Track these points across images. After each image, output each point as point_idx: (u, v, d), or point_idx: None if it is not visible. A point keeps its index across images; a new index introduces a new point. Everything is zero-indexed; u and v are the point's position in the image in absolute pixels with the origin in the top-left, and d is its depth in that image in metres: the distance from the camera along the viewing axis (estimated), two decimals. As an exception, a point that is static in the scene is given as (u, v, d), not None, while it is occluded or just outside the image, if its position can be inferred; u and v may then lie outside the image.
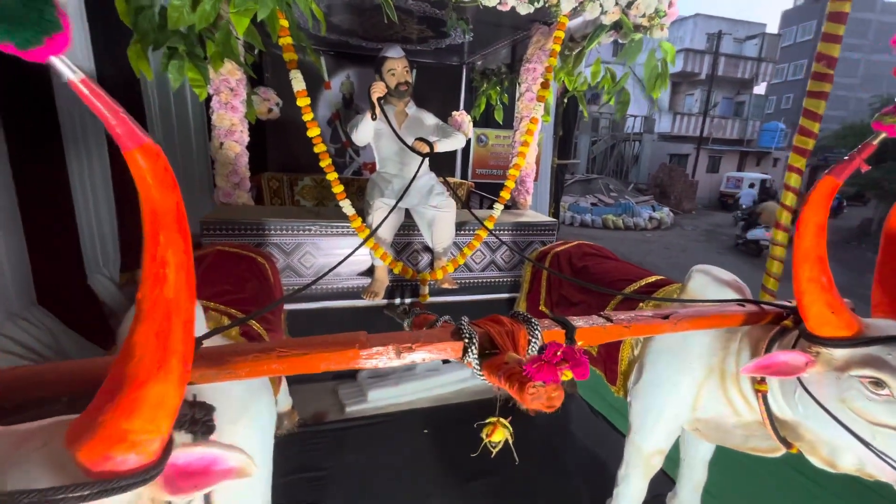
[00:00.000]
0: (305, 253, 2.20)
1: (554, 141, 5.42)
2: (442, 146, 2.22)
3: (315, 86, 3.95)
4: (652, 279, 1.53)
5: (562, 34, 2.04)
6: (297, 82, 1.81)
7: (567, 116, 5.25)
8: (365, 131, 2.15)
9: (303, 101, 1.87)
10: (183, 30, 1.65)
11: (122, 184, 3.32)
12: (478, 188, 4.39)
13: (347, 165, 4.17)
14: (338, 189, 2.06)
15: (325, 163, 2.02)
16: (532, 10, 1.94)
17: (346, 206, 2.09)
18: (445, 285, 2.26)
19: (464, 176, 5.23)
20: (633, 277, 1.55)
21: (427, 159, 2.12)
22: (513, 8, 1.94)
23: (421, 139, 2.11)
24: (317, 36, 3.45)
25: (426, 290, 2.27)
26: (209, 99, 2.39)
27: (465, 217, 2.43)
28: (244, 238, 2.09)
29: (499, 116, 3.86)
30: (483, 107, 4.15)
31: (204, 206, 2.67)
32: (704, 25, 20.23)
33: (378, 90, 2.03)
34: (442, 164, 4.26)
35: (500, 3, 1.87)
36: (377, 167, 2.43)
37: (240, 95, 2.28)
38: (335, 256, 2.26)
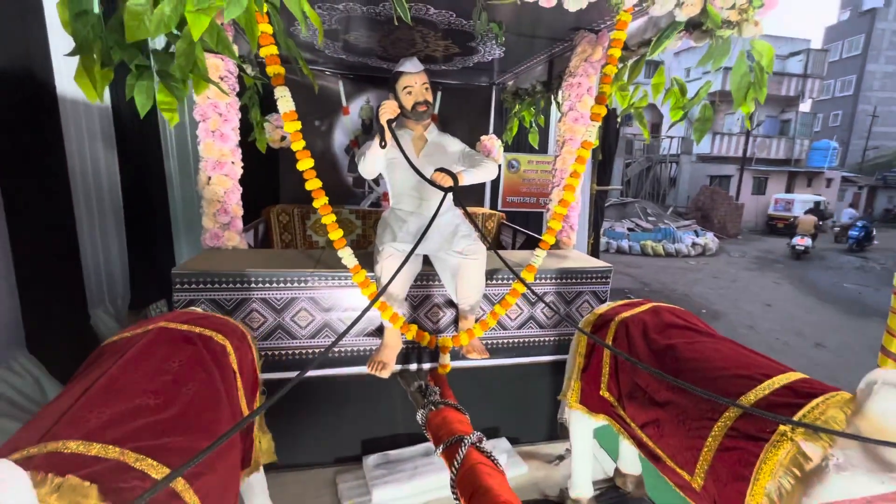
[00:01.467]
0: (300, 310, 1.79)
1: (592, 165, 4.94)
2: (469, 177, 1.79)
3: (333, 111, 3.68)
4: (787, 378, 1.00)
5: (623, 35, 1.60)
6: (284, 102, 1.44)
7: (607, 138, 4.78)
8: (373, 162, 1.75)
9: (292, 126, 1.49)
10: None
11: (134, 214, 3.14)
12: (508, 219, 3.94)
13: (366, 196, 3.82)
14: (335, 235, 1.65)
15: (320, 202, 1.63)
16: (585, 4, 1.51)
17: (347, 257, 1.67)
18: (473, 355, 1.79)
19: (493, 205, 4.79)
20: (753, 372, 1.03)
21: (451, 194, 1.69)
22: (559, 4, 1.52)
23: (442, 170, 1.69)
24: (335, 58, 3.17)
25: (447, 358, 1.80)
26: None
27: (498, 262, 1.97)
28: (224, 293, 1.71)
29: (533, 140, 3.43)
30: (515, 130, 3.74)
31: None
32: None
33: (388, 111, 1.64)
34: (468, 192, 3.85)
35: (543, -2, 1.45)
36: (390, 203, 2.02)
37: (230, 122, 1.94)
38: (337, 313, 1.84)
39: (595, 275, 2.09)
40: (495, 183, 4.83)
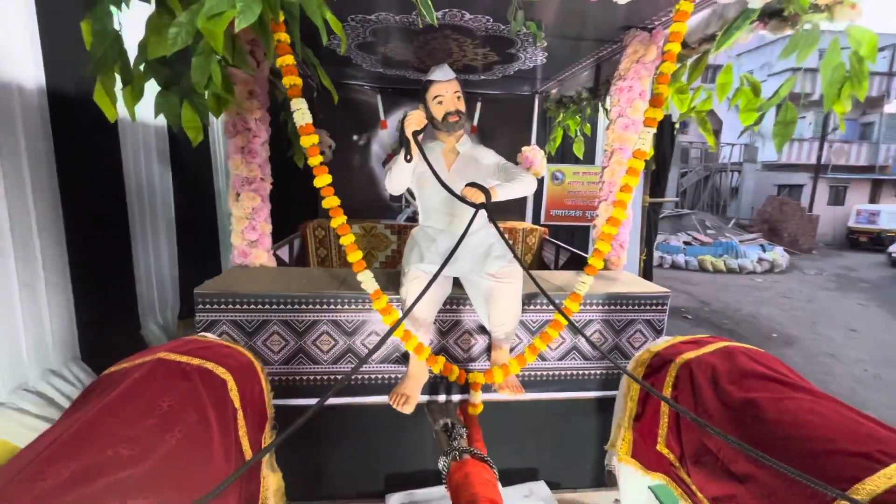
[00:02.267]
0: (322, 334, 1.69)
1: (645, 176, 4.59)
2: (504, 192, 1.62)
3: (371, 125, 3.65)
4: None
5: (683, 28, 1.38)
6: (300, 115, 1.35)
7: (661, 146, 4.43)
8: (399, 177, 1.63)
9: (308, 140, 1.40)
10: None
11: (185, 227, 3.27)
12: (552, 234, 3.70)
13: (402, 210, 3.74)
14: (354, 257, 1.54)
15: (338, 221, 1.53)
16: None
17: (367, 281, 1.55)
18: (506, 393, 1.60)
19: (535, 219, 4.57)
20: (872, 449, 0.77)
21: (485, 211, 1.53)
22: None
23: (474, 185, 1.54)
24: (372, 73, 3.13)
25: (478, 397, 1.62)
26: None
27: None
28: (246, 315, 1.64)
29: (578, 150, 3.20)
30: (559, 140, 3.53)
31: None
32: (815, 41, 17.84)
33: (413, 122, 1.51)
34: (508, 205, 3.66)
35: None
36: (420, 220, 1.89)
37: (260, 137, 1.90)
38: (360, 338, 1.72)
39: (650, 301, 1.83)
40: (538, 196, 4.61)
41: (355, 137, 3.65)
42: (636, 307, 1.83)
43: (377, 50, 2.61)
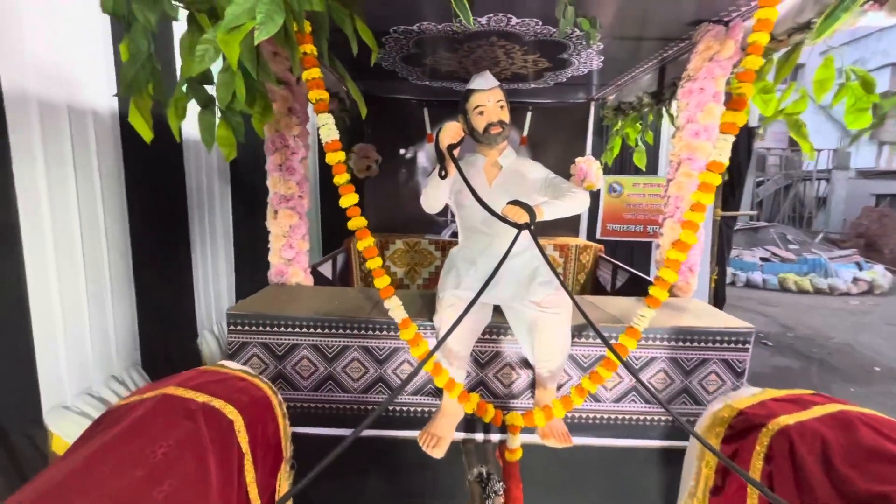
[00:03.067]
0: (352, 360, 1.59)
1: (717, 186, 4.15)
2: (551, 211, 1.44)
3: (418, 138, 3.60)
4: None
5: (773, 14, 1.14)
6: (326, 131, 1.26)
7: (737, 154, 3.98)
8: (435, 194, 1.51)
9: (334, 157, 1.30)
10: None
11: (242, 240, 3.41)
12: (608, 251, 3.41)
13: (447, 224, 3.63)
14: (381, 283, 1.42)
15: (365, 244, 1.42)
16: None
17: (394, 308, 1.42)
18: (550, 441, 1.40)
19: (591, 234, 4.27)
20: None
21: (528, 232, 1.36)
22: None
23: (517, 203, 1.38)
24: (419, 86, 3.08)
25: (517, 441, 1.43)
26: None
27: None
28: (276, 337, 1.58)
29: (640, 161, 2.92)
30: (617, 150, 3.26)
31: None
32: (921, 32, 15.72)
33: (449, 134, 1.38)
34: (560, 219, 3.41)
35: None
36: (459, 239, 1.75)
37: (299, 153, 1.87)
38: (391, 366, 1.60)
39: (728, 338, 1.55)
40: (593, 209, 4.31)
41: (402, 151, 3.61)
42: (711, 344, 1.55)
43: (422, 62, 2.54)
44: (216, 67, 1.16)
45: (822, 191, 16.53)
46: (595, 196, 4.11)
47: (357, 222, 1.37)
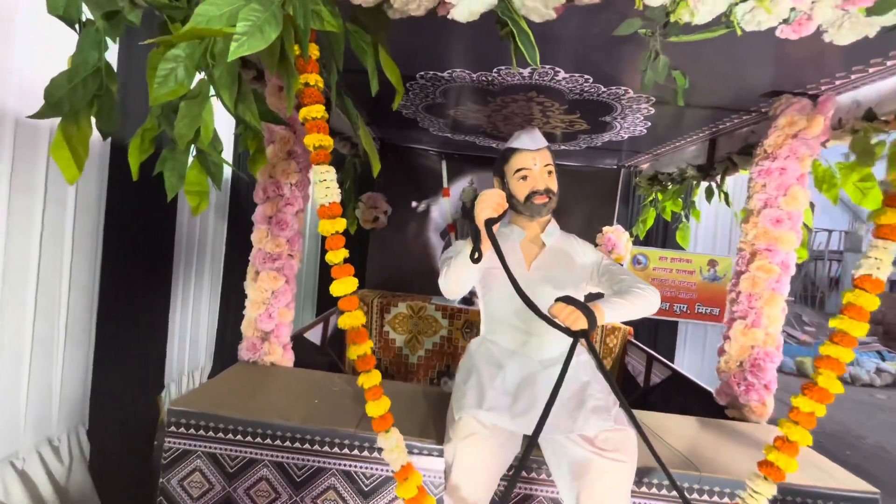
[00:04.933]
0: (327, 488, 1.16)
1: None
2: (616, 313, 1.08)
3: (432, 191, 3.33)
4: None
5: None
6: (325, 190, 0.90)
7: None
8: (459, 277, 1.14)
9: (330, 227, 0.91)
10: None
11: (234, 282, 3.06)
12: (634, 331, 3.02)
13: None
14: (376, 409, 1.01)
15: (352, 320, 1.00)
16: (872, 32, 0.81)
17: (390, 451, 1.00)
18: None
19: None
20: None
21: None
22: (816, 35, 0.84)
23: (569, 300, 1.02)
24: (439, 137, 2.84)
25: None
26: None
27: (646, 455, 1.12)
28: (229, 447, 1.17)
29: (683, 240, 2.60)
30: (651, 222, 2.96)
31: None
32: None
33: (489, 206, 1.03)
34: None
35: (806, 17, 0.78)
36: (482, 329, 1.38)
37: (294, 205, 1.54)
38: (382, 499, 1.17)
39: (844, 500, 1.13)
40: (615, 281, 3.97)
41: (414, 204, 3.32)
42: None
43: (447, 112, 2.29)
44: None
45: (834, 271, 16.25)
46: (618, 267, 3.79)
47: (343, 286, 0.95)
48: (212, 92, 0.85)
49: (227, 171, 3.03)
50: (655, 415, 1.51)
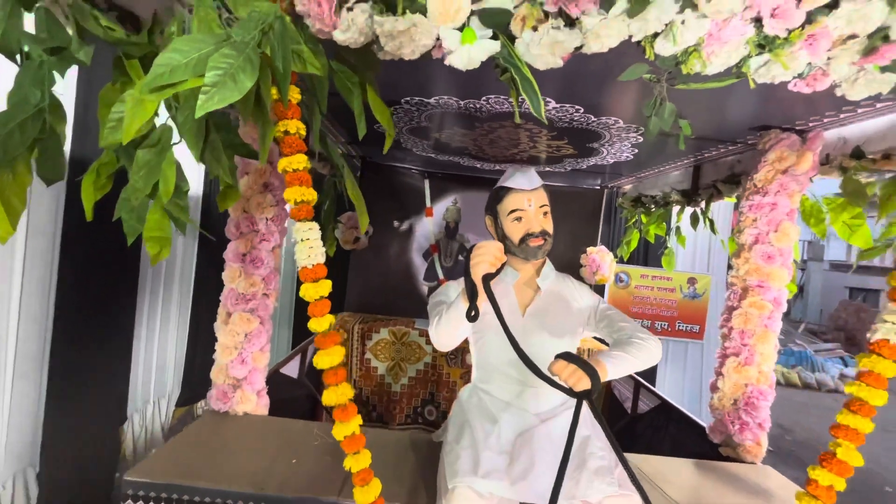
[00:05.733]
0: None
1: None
2: (619, 369, 1.02)
3: (414, 210, 3.24)
4: None
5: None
6: (308, 251, 0.78)
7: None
8: (451, 334, 1.06)
9: (314, 292, 0.79)
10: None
11: (204, 304, 2.88)
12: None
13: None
14: (358, 464, 0.89)
15: (330, 359, 0.86)
16: (886, 88, 0.78)
17: None
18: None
19: (595, 326, 3.88)
20: None
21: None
22: (829, 92, 0.81)
23: (569, 357, 0.95)
24: (422, 157, 2.76)
25: None
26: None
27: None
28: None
29: (669, 264, 2.59)
30: (635, 244, 2.95)
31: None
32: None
33: (486, 259, 0.95)
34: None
35: (803, 77, 0.75)
36: (473, 375, 1.30)
37: (270, 241, 1.43)
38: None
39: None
40: (598, 299, 3.97)
41: (396, 224, 3.23)
42: None
43: (430, 135, 2.22)
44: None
45: (800, 280, 16.93)
46: (600, 287, 3.78)
47: (319, 323, 0.82)
48: (175, 138, 0.75)
49: (198, 182, 2.87)
50: (651, 459, 1.46)
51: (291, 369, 2.25)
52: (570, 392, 0.93)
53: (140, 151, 0.71)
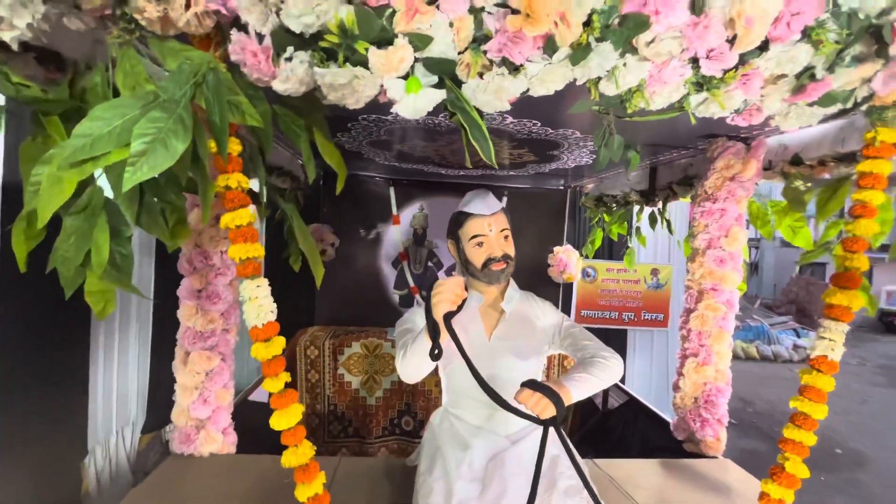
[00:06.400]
0: None
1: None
2: (583, 391, 1.04)
3: (380, 219, 3.20)
4: None
5: (887, 167, 0.87)
6: (256, 310, 0.75)
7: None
8: (417, 367, 1.06)
9: (265, 352, 0.79)
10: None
11: (165, 325, 2.75)
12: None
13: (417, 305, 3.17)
14: (309, 491, 0.88)
15: (287, 420, 0.85)
16: (813, 121, 0.82)
17: None
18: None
19: (565, 321, 3.97)
20: None
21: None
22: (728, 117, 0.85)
23: (534, 385, 0.96)
24: (385, 165, 2.73)
25: None
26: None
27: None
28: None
29: (630, 263, 2.67)
30: (598, 242, 3.03)
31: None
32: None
33: (446, 298, 0.94)
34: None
35: (742, 110, 0.78)
36: (444, 400, 1.30)
37: (228, 275, 1.38)
38: None
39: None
40: (566, 295, 4.05)
41: (362, 233, 3.18)
42: None
43: (392, 147, 2.19)
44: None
45: (753, 256, 17.88)
46: (568, 284, 3.86)
47: (273, 384, 0.79)
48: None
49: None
50: (621, 463, 1.51)
51: (262, 394, 2.19)
52: (536, 420, 0.95)
53: (67, 218, 0.66)
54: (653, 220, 2.40)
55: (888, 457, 5.83)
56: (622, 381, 4.37)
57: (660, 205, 2.38)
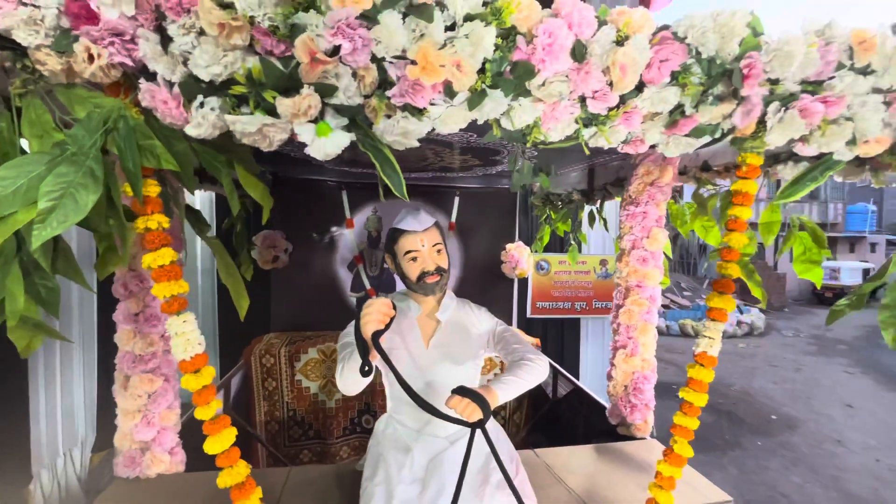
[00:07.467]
0: None
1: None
2: (508, 392, 1.14)
3: (335, 222, 3.20)
4: None
5: (753, 187, 1.00)
6: (184, 345, 0.79)
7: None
8: (353, 382, 1.12)
9: (197, 384, 0.83)
10: None
11: (110, 336, 2.64)
12: (541, 329, 3.23)
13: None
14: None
15: (232, 477, 0.94)
16: (690, 149, 0.94)
17: None
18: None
19: (521, 312, 4.12)
20: None
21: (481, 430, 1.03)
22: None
23: (463, 391, 1.04)
24: (337, 170, 2.73)
25: None
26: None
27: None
28: None
29: (573, 258, 2.82)
30: (547, 239, 3.16)
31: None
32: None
33: (374, 318, 1.01)
34: (492, 296, 3.21)
35: (626, 143, 0.88)
36: (388, 406, 1.37)
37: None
38: None
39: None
40: (523, 288, 4.20)
41: (315, 237, 3.17)
42: None
43: (340, 155, 2.20)
44: None
45: (700, 241, 18.94)
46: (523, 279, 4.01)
47: (204, 412, 0.84)
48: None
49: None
50: (557, 451, 1.64)
51: None
52: (465, 423, 1.03)
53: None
54: (591, 219, 2.54)
55: (816, 419, 6.43)
56: (577, 366, 4.58)
57: (598, 203, 2.53)
